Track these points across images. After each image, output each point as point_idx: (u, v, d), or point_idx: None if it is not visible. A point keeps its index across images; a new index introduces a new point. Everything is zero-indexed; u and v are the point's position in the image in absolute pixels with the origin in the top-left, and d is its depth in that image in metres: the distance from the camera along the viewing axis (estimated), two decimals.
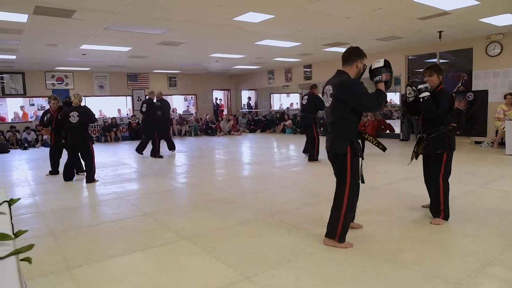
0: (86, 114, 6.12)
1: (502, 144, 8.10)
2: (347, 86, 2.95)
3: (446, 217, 3.55)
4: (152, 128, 8.88)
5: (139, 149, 9.13)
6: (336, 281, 2.50)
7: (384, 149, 3.25)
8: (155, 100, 9.09)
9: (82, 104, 6.24)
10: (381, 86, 3.03)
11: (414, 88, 3.56)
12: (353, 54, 3.07)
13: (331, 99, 3.03)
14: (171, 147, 9.48)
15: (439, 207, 3.55)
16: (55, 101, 6.74)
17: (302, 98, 8.00)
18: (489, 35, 8.88)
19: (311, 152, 7.55)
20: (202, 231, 3.58)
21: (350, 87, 2.94)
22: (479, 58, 9.26)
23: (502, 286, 2.39)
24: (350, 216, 3.11)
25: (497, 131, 8.56)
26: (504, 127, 7.93)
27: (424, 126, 3.68)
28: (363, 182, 3.13)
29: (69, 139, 6.17)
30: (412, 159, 3.78)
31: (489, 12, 6.77)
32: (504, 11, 6.71)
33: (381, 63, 3.07)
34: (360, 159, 3.05)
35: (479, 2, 5.96)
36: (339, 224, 3.02)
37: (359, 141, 3.13)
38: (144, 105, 8.90)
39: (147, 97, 9.51)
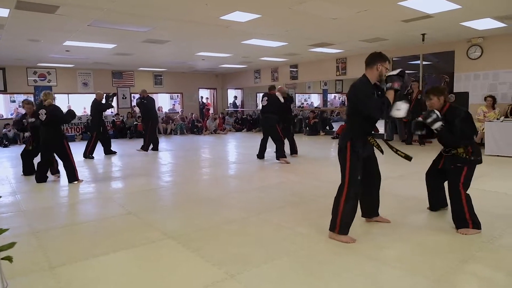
0: (53, 112, 5.80)
1: (481, 144, 8.31)
2: (355, 87, 3.14)
3: (475, 225, 3.31)
4: (94, 126, 8.91)
5: (107, 151, 9.13)
6: (319, 279, 2.54)
7: (382, 152, 3.38)
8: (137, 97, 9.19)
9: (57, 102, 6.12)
10: (390, 94, 3.09)
11: (426, 122, 3.41)
12: (374, 58, 3.16)
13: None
14: (145, 147, 9.43)
15: (464, 216, 3.33)
16: (29, 105, 6.47)
17: (261, 99, 7.78)
18: (470, 39, 9.11)
19: (280, 150, 7.40)
20: (187, 230, 3.58)
21: (356, 89, 3.12)
22: (460, 60, 9.49)
23: (479, 282, 2.47)
24: (350, 209, 3.14)
25: (477, 132, 8.78)
26: (483, 128, 8.14)
27: (446, 145, 3.54)
28: (410, 158, 3.31)
29: (41, 137, 5.93)
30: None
31: (470, 16, 6.94)
32: (484, 16, 6.90)
33: (395, 72, 3.14)
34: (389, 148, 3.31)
35: (461, 7, 6.11)
36: (338, 216, 3.14)
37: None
38: (90, 107, 9.02)
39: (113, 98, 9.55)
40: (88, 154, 8.57)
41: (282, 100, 7.81)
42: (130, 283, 2.56)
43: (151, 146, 9.57)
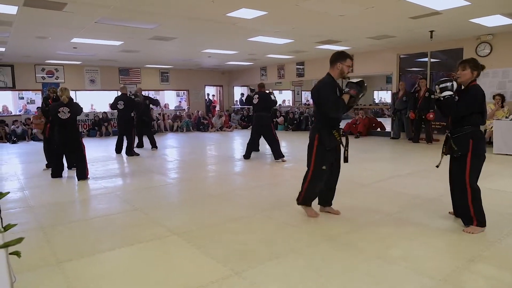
0: (76, 110, 5.95)
1: (490, 143, 8.23)
2: (316, 86, 3.53)
3: (480, 223, 3.26)
4: (127, 125, 8.62)
5: (118, 149, 8.90)
6: (324, 277, 2.53)
7: (343, 145, 3.66)
8: (129, 95, 8.94)
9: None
10: (345, 97, 3.48)
11: (438, 86, 3.35)
12: (335, 57, 3.51)
13: None
14: (154, 144, 9.43)
15: (468, 213, 3.29)
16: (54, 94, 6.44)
17: (252, 98, 7.49)
18: (479, 36, 9.00)
19: (276, 150, 7.31)
20: (192, 227, 3.59)
21: (318, 88, 3.51)
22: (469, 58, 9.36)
23: (486, 281, 2.45)
24: (311, 188, 3.64)
25: (485, 130, 8.69)
26: (492, 127, 8.06)
27: (451, 125, 3.42)
28: (346, 161, 3.66)
29: (59, 135, 5.91)
30: (440, 160, 3.61)
31: (479, 13, 6.85)
32: (494, 12, 6.80)
33: (355, 80, 3.52)
34: (342, 142, 3.63)
35: (469, 3, 6.04)
36: (302, 193, 3.71)
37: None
38: (121, 102, 8.52)
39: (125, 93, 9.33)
40: (133, 151, 8.54)
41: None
42: (135, 279, 2.57)
43: (136, 144, 9.34)
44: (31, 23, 7.09)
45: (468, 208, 3.29)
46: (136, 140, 9.48)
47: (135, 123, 8.94)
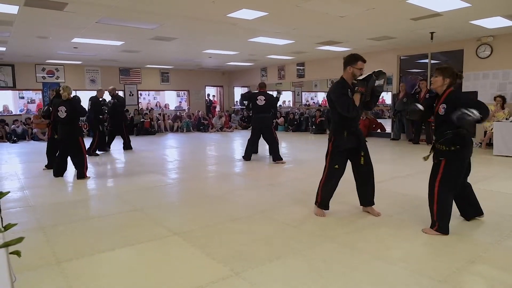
0: (74, 109, 5.92)
1: (490, 144, 8.23)
2: (331, 88, 3.71)
3: (441, 229, 3.22)
4: (95, 124, 8.80)
5: (102, 147, 8.92)
6: (324, 278, 2.53)
7: (353, 144, 3.70)
8: (110, 98, 9.17)
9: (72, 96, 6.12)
10: (356, 96, 3.55)
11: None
12: (346, 61, 3.64)
13: None
14: (127, 145, 9.45)
15: (432, 216, 3.28)
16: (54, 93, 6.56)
17: (255, 99, 7.28)
18: (480, 37, 9.00)
19: (276, 152, 7.26)
20: (193, 227, 3.59)
21: (331, 89, 3.69)
22: (469, 59, 9.38)
23: (485, 283, 2.45)
24: (327, 190, 3.81)
25: (485, 132, 8.70)
26: (492, 128, 8.06)
27: (434, 133, 3.45)
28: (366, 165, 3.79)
29: (58, 133, 6.05)
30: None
31: (480, 15, 6.86)
32: (494, 14, 6.81)
33: (362, 77, 3.56)
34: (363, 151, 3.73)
35: (470, 5, 6.04)
36: (318, 194, 3.86)
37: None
38: (90, 102, 8.88)
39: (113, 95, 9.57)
40: (92, 151, 8.51)
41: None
42: (135, 279, 2.57)
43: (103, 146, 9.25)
44: (31, 23, 7.09)
45: (432, 211, 3.29)
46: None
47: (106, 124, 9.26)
